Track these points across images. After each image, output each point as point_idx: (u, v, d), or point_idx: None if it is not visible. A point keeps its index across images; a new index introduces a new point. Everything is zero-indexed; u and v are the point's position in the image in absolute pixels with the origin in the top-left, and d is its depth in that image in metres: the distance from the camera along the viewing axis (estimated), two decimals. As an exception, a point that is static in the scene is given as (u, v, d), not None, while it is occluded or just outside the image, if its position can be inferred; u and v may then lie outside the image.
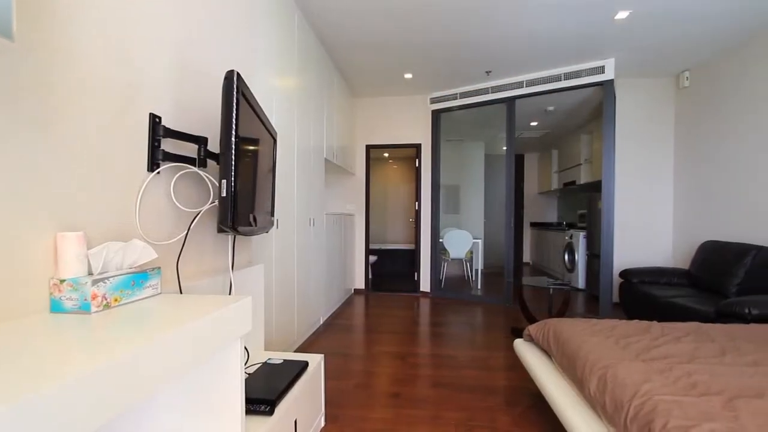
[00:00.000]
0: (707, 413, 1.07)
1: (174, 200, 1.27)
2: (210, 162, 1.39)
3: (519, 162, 8.33)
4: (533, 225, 8.28)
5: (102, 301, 0.89)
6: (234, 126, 1.10)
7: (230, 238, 1.53)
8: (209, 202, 1.38)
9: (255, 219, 1.42)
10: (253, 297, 1.76)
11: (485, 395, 2.23)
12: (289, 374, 1.51)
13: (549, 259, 6.93)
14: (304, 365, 1.63)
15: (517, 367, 2.60)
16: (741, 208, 3.44)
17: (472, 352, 2.97)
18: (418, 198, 5.13)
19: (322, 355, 1.82)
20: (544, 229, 7.35)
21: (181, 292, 1.22)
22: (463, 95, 4.68)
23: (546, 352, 1.99)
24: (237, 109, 1.11)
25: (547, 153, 7.51)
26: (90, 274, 0.92)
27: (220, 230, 1.21)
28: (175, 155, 1.24)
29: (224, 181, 1.10)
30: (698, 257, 3.62)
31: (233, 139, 1.10)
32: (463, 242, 5.53)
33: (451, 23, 3.17)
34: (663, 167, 4.40)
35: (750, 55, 3.35)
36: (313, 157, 3.34)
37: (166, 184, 1.25)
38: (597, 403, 1.35)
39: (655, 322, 1.99)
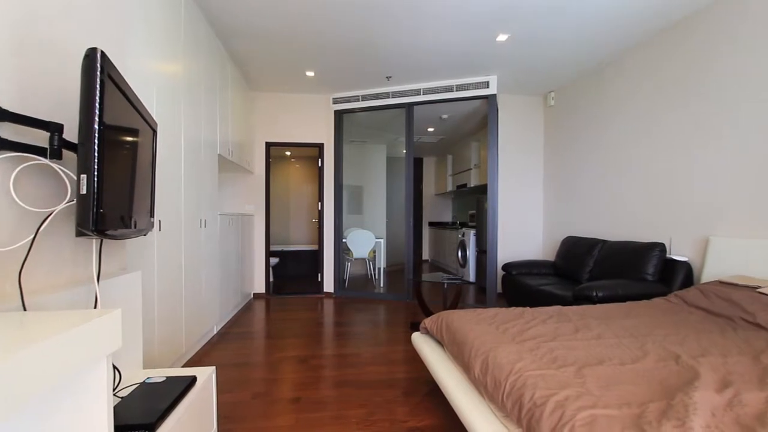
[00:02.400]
0: (563, 382, 1.26)
1: (14, 197, 1.05)
2: (69, 154, 1.17)
3: (418, 165, 8.82)
4: (431, 224, 8.85)
5: None
6: (96, 112, 0.94)
7: (95, 242, 1.32)
8: (65, 201, 1.16)
9: (128, 220, 1.24)
10: (127, 309, 1.54)
11: (385, 389, 2.30)
12: (172, 393, 1.36)
13: (445, 256, 7.47)
14: (191, 381, 1.48)
15: (415, 359, 2.74)
16: (592, 209, 4.15)
17: (374, 348, 3.04)
18: (321, 198, 5.08)
19: (214, 368, 1.68)
20: (441, 228, 7.90)
21: (24, 309, 1.01)
22: (366, 98, 4.78)
23: (440, 342, 2.13)
24: (101, 93, 0.96)
25: (443, 157, 8.09)
26: None
27: (80, 233, 1.03)
28: (16, 143, 1.02)
29: (84, 176, 0.94)
30: (561, 250, 4.26)
31: (95, 126, 0.94)
32: (366, 242, 5.65)
33: (353, 27, 3.21)
34: (536, 174, 5.08)
35: (600, 81, 4.06)
36: (204, 152, 3.07)
37: (3, 177, 1.02)
38: (480, 384, 1.49)
39: (527, 308, 2.28)
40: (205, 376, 1.59)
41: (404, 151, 4.85)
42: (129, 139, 1.28)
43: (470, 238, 5.87)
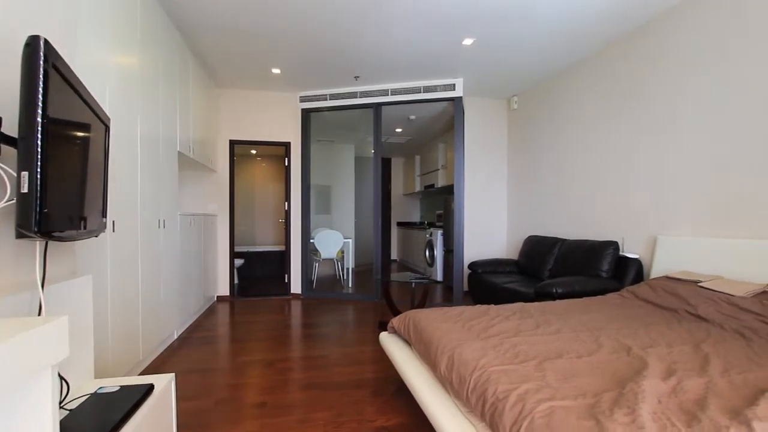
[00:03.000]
0: (525, 376, 1.30)
1: (-56, 196, 0.96)
2: (10, 150, 1.08)
3: (386, 165, 8.86)
4: (399, 224, 8.91)
5: None
6: (39, 104, 0.88)
7: (38, 245, 1.23)
8: (4, 200, 1.08)
9: (77, 220, 1.17)
10: (76, 315, 1.45)
11: (354, 390, 2.30)
12: (127, 402, 1.29)
13: (413, 256, 7.54)
14: (148, 389, 1.41)
15: (383, 359, 2.75)
16: (552, 210, 4.32)
17: (342, 349, 3.02)
18: (288, 198, 4.99)
19: (173, 375, 1.61)
20: (409, 228, 7.98)
21: (-45, 318, 0.92)
22: (333, 97, 4.74)
23: (407, 341, 2.15)
24: (44, 84, 0.89)
25: (411, 158, 8.17)
26: None
27: (20, 235, 0.96)
28: (-56, 137, 0.93)
29: (25, 174, 0.87)
30: (524, 249, 4.42)
31: (38, 119, 0.87)
32: (334, 242, 5.61)
33: (321, 25, 3.17)
34: (500, 175, 5.23)
35: (557, 88, 4.24)
36: (163, 149, 2.93)
37: (-70, 174, 0.93)
38: (446, 381, 1.52)
39: (492, 305, 2.35)
40: (164, 383, 1.52)
41: (372, 151, 4.85)
42: (78, 134, 1.20)
43: (437, 238, 5.96)
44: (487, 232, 5.17)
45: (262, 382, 2.41)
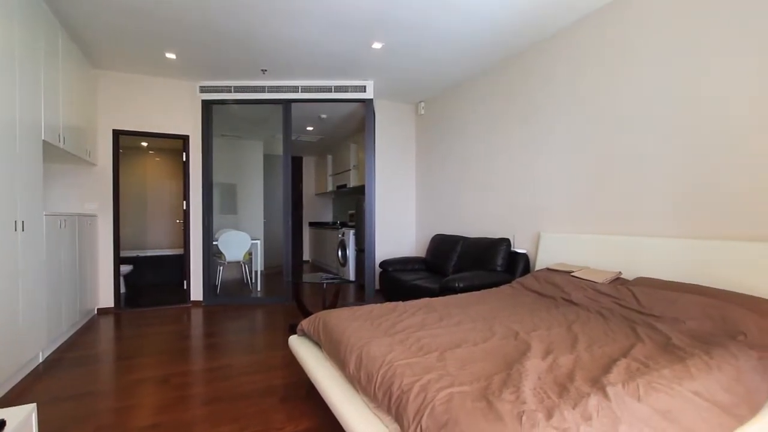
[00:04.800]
0: (427, 367, 1.38)
1: None
2: None
3: (298, 164, 8.64)
4: (312, 224, 8.76)
5: None
6: None
7: None
8: None
9: None
10: None
11: (261, 398, 2.19)
12: (-35, 446, 1.05)
13: (326, 256, 7.48)
14: (-2, 426, 1.17)
15: (293, 363, 2.67)
16: (455, 210, 4.65)
17: (249, 357, 2.86)
18: (186, 196, 4.55)
19: (34, 405, 1.35)
20: (322, 228, 7.89)
21: None
22: (239, 89, 4.47)
23: (318, 343, 2.12)
24: None
25: (323, 157, 8.09)
26: None
27: None
28: None
29: None
30: (431, 247, 4.68)
31: None
32: (241, 244, 5.29)
33: (224, 10, 2.96)
34: (409, 176, 5.46)
35: (458, 97, 4.58)
36: (21, 137, 2.45)
37: None
38: (355, 380, 1.53)
39: (400, 302, 2.44)
40: (21, 417, 1.27)
41: (282, 149, 4.68)
42: None
43: (350, 238, 6.00)
44: (398, 231, 5.36)
45: (155, 402, 2.17)
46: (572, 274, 2.70)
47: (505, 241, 3.62)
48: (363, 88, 4.45)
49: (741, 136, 2.14)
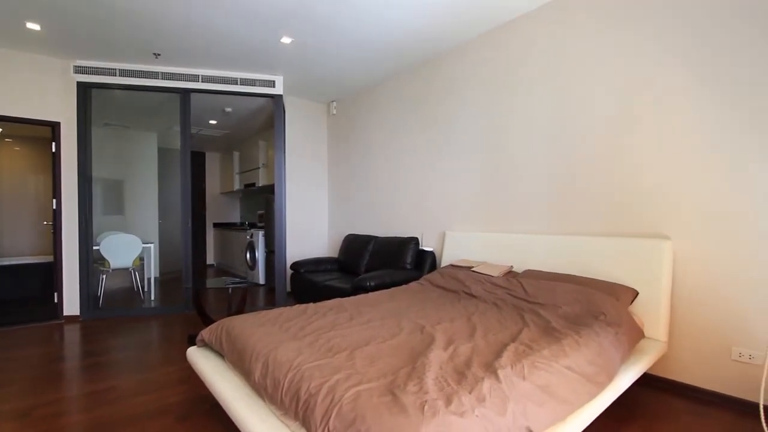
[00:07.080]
0: (336, 367, 1.37)
1: None
2: None
3: (200, 160, 7.96)
4: (216, 225, 8.14)
5: None
6: None
7: None
8: None
9: None
10: None
11: (154, 419, 1.96)
12: None
13: (233, 259, 7.01)
14: None
15: (192, 377, 2.45)
16: (367, 210, 4.72)
17: (139, 375, 2.54)
18: (57, 194, 3.88)
19: None
20: (228, 229, 7.38)
21: None
22: (126, 73, 3.94)
23: (221, 354, 1.97)
24: None
25: (229, 154, 7.57)
26: None
27: None
28: None
29: None
30: (343, 247, 4.68)
31: None
32: (129, 248, 4.69)
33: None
34: (322, 176, 5.40)
35: (370, 99, 4.66)
36: None
37: None
38: (261, 388, 1.46)
39: (311, 304, 2.39)
40: None
41: (180, 143, 4.26)
42: None
43: (259, 239, 5.72)
44: (310, 231, 5.26)
45: (9, 441, 1.80)
46: (472, 269, 2.93)
47: (414, 240, 3.78)
48: (272, 83, 4.26)
49: (597, 146, 2.55)
